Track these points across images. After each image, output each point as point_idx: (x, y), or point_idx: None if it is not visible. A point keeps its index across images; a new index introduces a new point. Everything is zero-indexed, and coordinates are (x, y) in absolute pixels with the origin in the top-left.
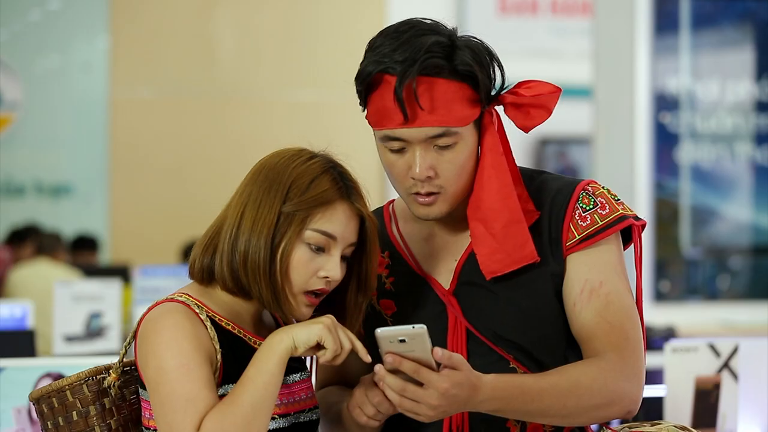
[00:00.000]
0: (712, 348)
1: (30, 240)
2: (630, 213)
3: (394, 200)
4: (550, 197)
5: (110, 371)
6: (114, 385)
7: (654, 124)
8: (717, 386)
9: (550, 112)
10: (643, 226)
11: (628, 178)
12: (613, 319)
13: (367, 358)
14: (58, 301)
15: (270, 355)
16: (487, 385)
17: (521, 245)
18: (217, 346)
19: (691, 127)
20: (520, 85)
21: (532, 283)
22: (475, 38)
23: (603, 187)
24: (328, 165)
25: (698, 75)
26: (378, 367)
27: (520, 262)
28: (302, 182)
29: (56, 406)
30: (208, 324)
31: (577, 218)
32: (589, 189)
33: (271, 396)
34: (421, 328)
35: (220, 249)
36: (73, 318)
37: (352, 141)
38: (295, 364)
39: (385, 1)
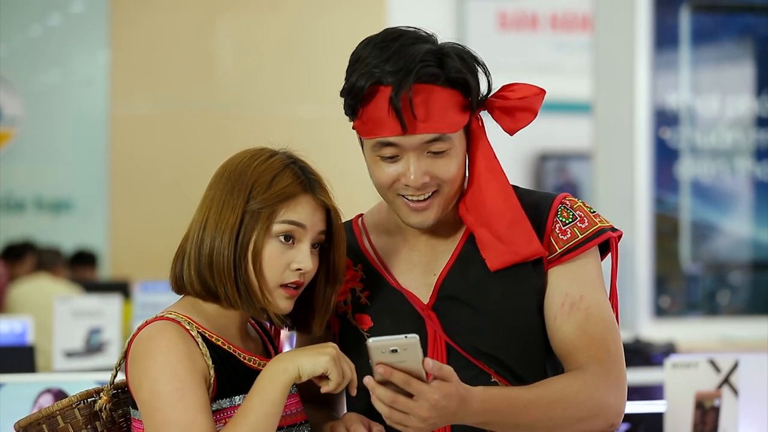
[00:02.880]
0: (713, 364)
1: (28, 256)
2: (607, 225)
3: (362, 214)
4: (529, 211)
5: (101, 394)
6: (105, 408)
7: (654, 139)
8: (717, 402)
9: (535, 114)
10: (620, 237)
11: (628, 194)
12: (594, 332)
13: (353, 392)
14: (58, 317)
15: (275, 384)
16: (476, 398)
17: (528, 242)
18: (210, 362)
19: (691, 143)
20: (504, 88)
21: (513, 297)
22: (458, 45)
23: (579, 201)
24: (289, 160)
25: (698, 90)
26: (367, 379)
27: (530, 257)
28: (264, 179)
29: None
30: (200, 340)
31: (558, 232)
32: (567, 203)
33: (272, 425)
34: (413, 338)
35: (187, 255)
36: (73, 334)
37: (352, 155)
38: None
39: (386, 17)
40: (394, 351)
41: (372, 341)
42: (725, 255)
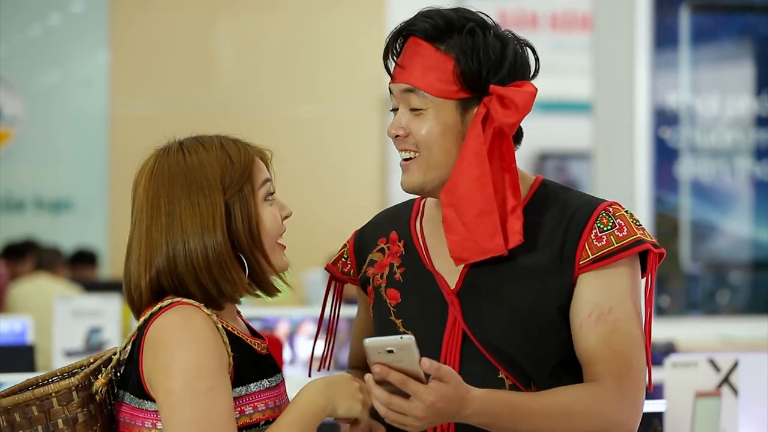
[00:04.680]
0: (712, 363)
1: (29, 255)
2: (649, 239)
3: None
4: (570, 213)
5: (99, 376)
6: (101, 391)
7: (654, 139)
8: (717, 401)
9: (525, 112)
10: (662, 256)
11: (627, 193)
12: (617, 347)
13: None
14: (57, 316)
15: (313, 419)
16: (476, 400)
17: (490, 236)
18: (229, 350)
19: (690, 142)
20: (513, 84)
21: (534, 295)
22: (519, 41)
23: (625, 210)
24: (215, 138)
25: (698, 90)
26: (367, 377)
27: (488, 253)
28: (224, 164)
29: (35, 414)
30: (219, 326)
31: (593, 238)
32: (610, 210)
33: None
34: (408, 339)
35: (163, 265)
36: (72, 333)
37: (352, 155)
38: (275, 363)
39: (386, 17)
40: (391, 351)
41: (368, 341)
42: (725, 255)
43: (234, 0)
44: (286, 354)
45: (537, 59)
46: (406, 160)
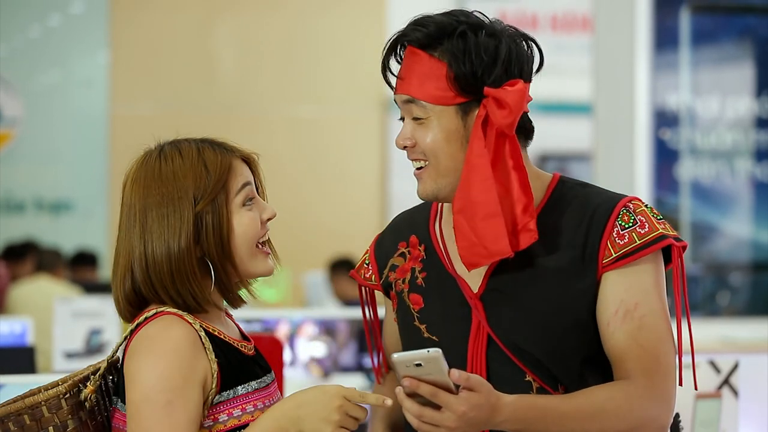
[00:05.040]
0: (713, 365)
1: (29, 256)
2: (671, 233)
3: None
4: (591, 211)
5: (88, 383)
6: (90, 398)
7: (654, 140)
8: (717, 403)
9: (519, 111)
10: (684, 248)
11: (627, 195)
12: (645, 343)
13: (389, 402)
14: (58, 318)
15: None
16: (508, 407)
17: (496, 239)
18: (212, 356)
19: (691, 144)
20: (508, 83)
21: (560, 297)
22: (517, 37)
23: (645, 205)
24: (195, 143)
25: (698, 91)
26: (398, 390)
27: (495, 256)
28: (198, 174)
29: (27, 423)
30: (202, 334)
31: (615, 236)
32: (630, 206)
33: None
34: (436, 352)
35: (150, 280)
36: (73, 334)
37: (352, 155)
38: (264, 364)
39: (386, 17)
40: (419, 365)
41: (396, 356)
42: (725, 256)
43: (234, 0)
44: (287, 355)
45: (541, 52)
46: (418, 169)
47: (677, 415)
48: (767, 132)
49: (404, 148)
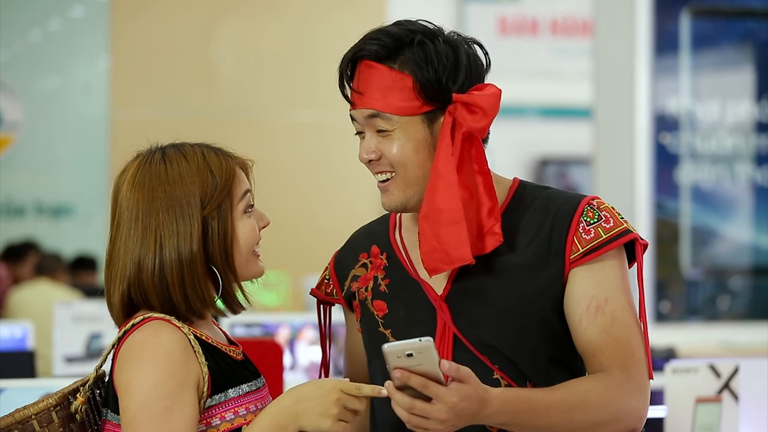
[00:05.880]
0: (713, 369)
1: (29, 258)
2: (633, 231)
3: None
4: (554, 210)
5: (77, 395)
6: (81, 410)
7: (654, 144)
8: (718, 407)
9: (494, 114)
10: (645, 246)
11: (628, 199)
12: (619, 336)
13: (384, 392)
14: (58, 322)
15: None
16: (496, 399)
17: (458, 245)
18: (203, 360)
19: (691, 148)
20: (475, 87)
21: (524, 292)
22: (467, 42)
23: (607, 204)
24: (199, 148)
25: (698, 95)
26: (387, 384)
27: (456, 262)
28: (204, 179)
29: None
30: (191, 338)
31: (581, 231)
32: (594, 203)
33: None
34: (428, 341)
35: (135, 276)
36: (73, 339)
37: (352, 160)
38: (253, 369)
39: (386, 22)
40: (410, 355)
41: (387, 346)
42: (725, 260)
43: (234, 5)
44: (287, 360)
45: (486, 53)
46: (383, 181)
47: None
48: (767, 136)
49: (368, 162)
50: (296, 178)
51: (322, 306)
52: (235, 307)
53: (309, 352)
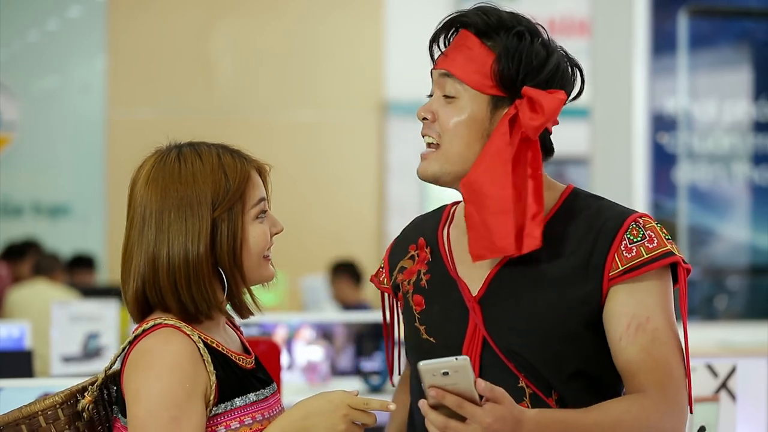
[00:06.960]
0: (710, 368)
1: (29, 256)
2: (678, 254)
3: (459, 202)
4: (600, 223)
5: (85, 394)
6: (88, 409)
7: (651, 144)
8: (715, 407)
9: (551, 117)
10: (688, 271)
11: (625, 198)
12: (658, 356)
13: (392, 407)
14: (55, 322)
15: None
16: (530, 420)
17: (504, 235)
18: (211, 368)
19: (688, 147)
20: (549, 90)
21: (557, 302)
22: (568, 58)
23: (656, 223)
24: (215, 149)
25: (696, 95)
26: (422, 403)
27: (500, 251)
28: (218, 179)
29: None
30: (201, 346)
31: (623, 249)
32: (641, 222)
33: None
34: (464, 360)
35: (147, 273)
36: (70, 338)
37: (351, 160)
38: (263, 377)
39: (384, 23)
40: (446, 373)
41: (422, 364)
42: (723, 260)
43: (232, 5)
44: (284, 359)
45: (583, 81)
46: (428, 145)
47: (703, 429)
48: (765, 136)
49: (423, 119)
50: (294, 178)
51: (384, 294)
52: (243, 312)
53: (306, 352)
